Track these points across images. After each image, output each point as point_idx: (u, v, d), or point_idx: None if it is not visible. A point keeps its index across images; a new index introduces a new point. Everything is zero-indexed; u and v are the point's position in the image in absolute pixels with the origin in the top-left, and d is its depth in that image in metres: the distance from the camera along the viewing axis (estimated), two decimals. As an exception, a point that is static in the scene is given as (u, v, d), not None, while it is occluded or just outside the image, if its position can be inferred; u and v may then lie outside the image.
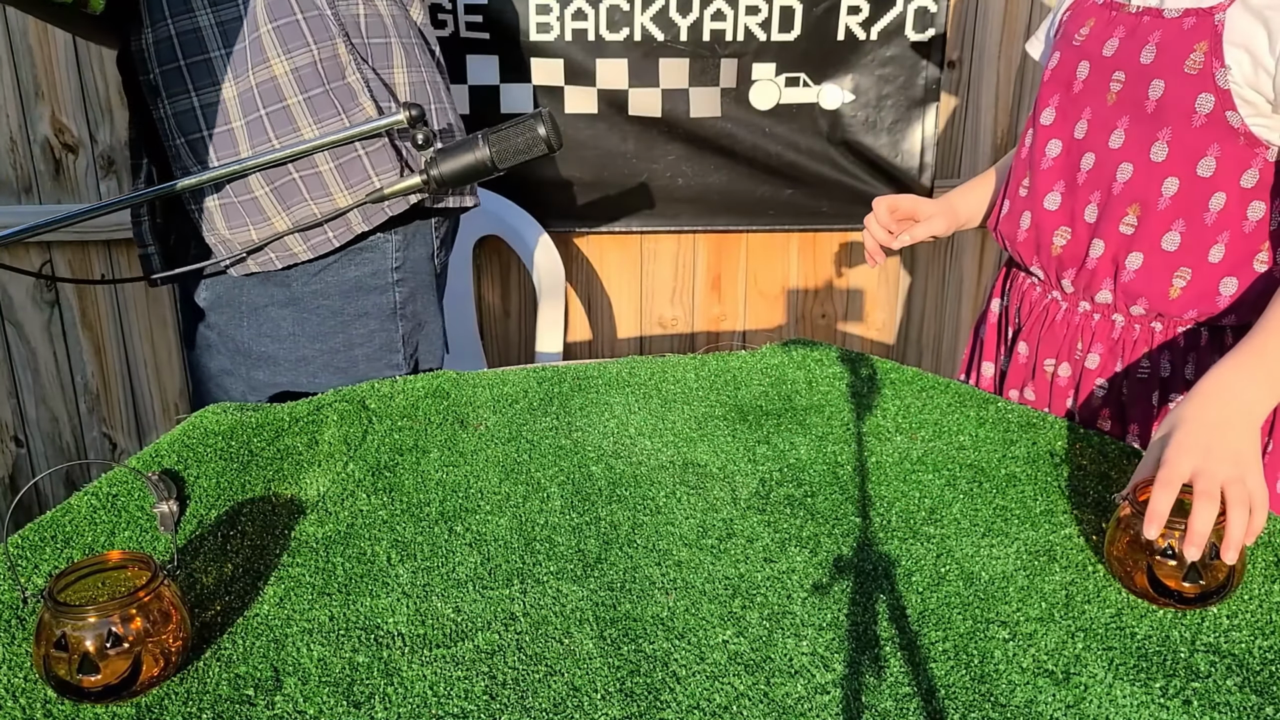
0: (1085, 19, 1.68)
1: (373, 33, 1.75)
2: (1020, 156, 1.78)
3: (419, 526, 1.34)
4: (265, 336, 1.86)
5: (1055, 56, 1.71)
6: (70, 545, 1.31)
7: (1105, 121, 1.63)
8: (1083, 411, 1.74)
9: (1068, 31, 1.70)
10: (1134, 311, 1.65)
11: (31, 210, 2.76)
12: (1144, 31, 1.58)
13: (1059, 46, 1.72)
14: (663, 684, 1.09)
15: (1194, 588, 1.18)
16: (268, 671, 1.11)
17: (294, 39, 1.67)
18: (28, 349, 2.92)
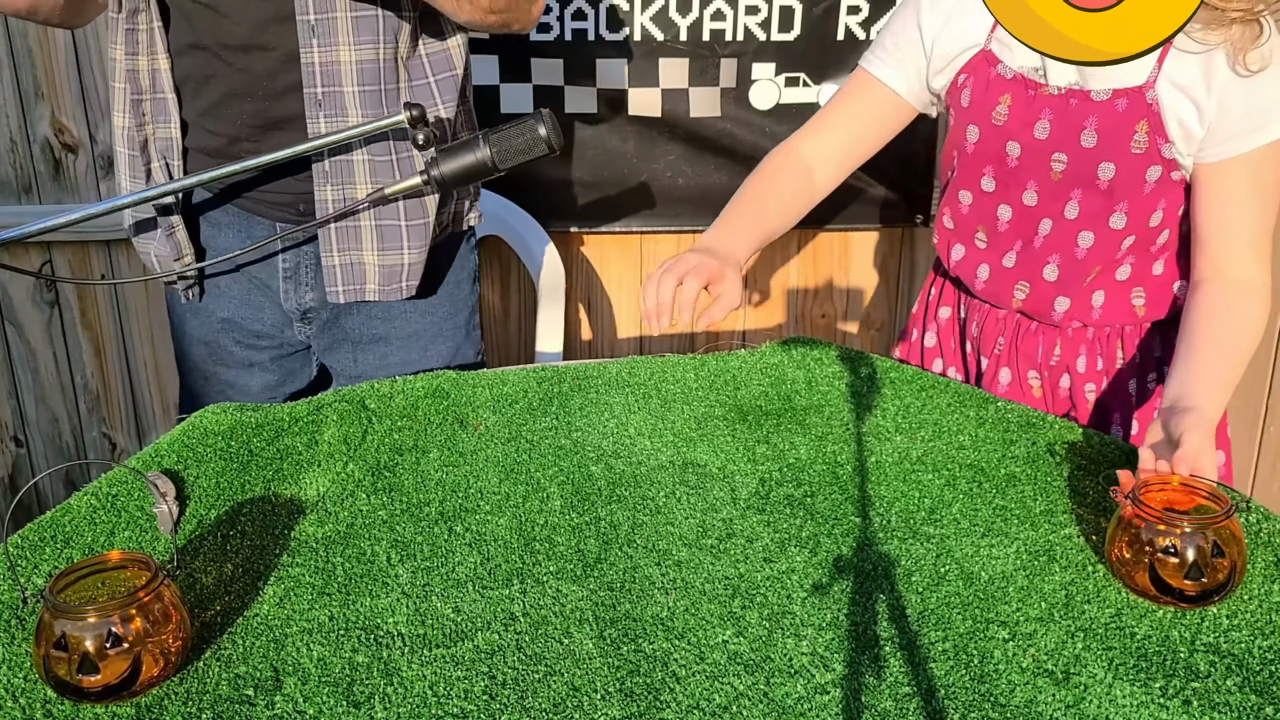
0: (997, 94, 1.69)
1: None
2: (955, 206, 1.84)
3: (419, 526, 1.34)
4: (375, 319, 1.91)
5: (973, 131, 1.74)
6: (70, 545, 1.31)
7: (1056, 194, 1.71)
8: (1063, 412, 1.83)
9: (977, 103, 1.71)
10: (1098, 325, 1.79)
11: (32, 210, 2.76)
12: (1076, 115, 1.65)
13: (972, 119, 1.73)
14: (662, 684, 1.09)
15: (1195, 585, 1.19)
16: (268, 671, 1.11)
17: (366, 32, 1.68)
18: (28, 349, 2.92)
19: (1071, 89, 1.64)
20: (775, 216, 1.79)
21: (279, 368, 1.95)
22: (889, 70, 1.76)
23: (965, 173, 1.79)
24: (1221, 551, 1.19)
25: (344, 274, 1.80)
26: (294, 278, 1.86)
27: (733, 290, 1.59)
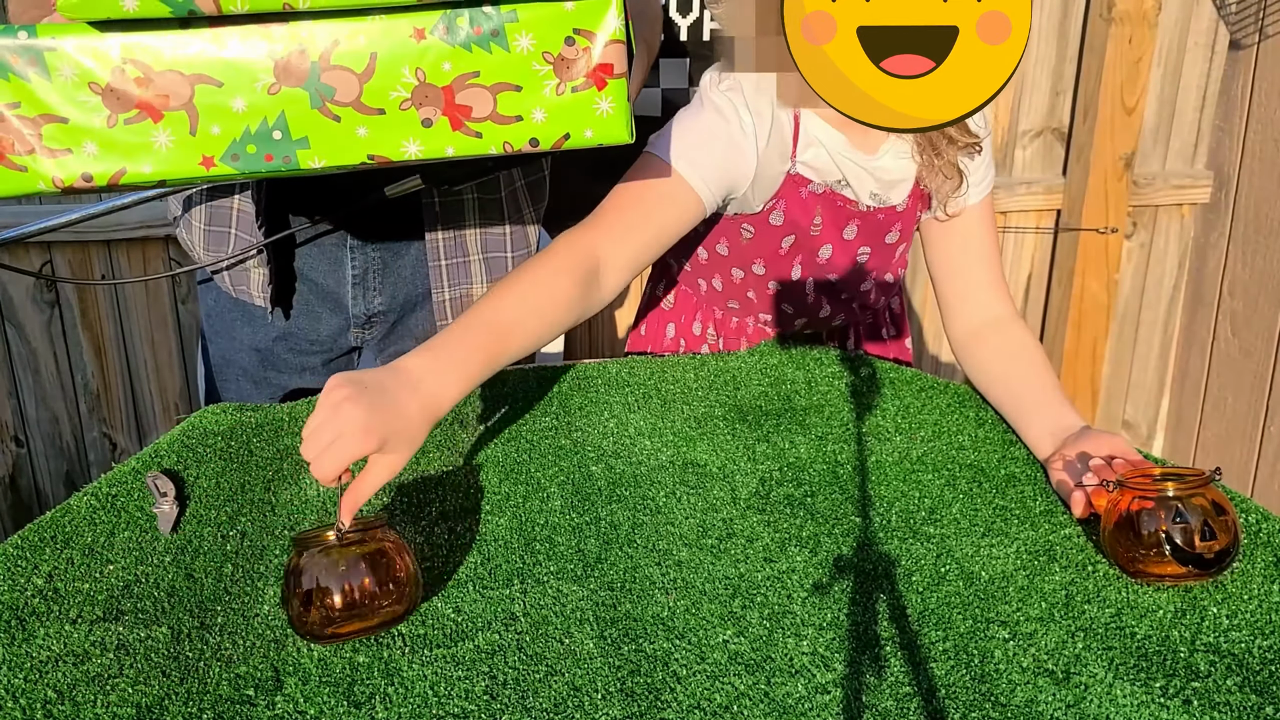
0: (811, 209, 1.74)
1: None
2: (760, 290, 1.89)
3: (418, 527, 1.34)
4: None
5: (789, 240, 1.78)
6: (70, 545, 1.31)
7: (856, 278, 1.86)
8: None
9: (792, 220, 1.75)
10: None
11: (32, 210, 2.76)
12: (885, 223, 1.79)
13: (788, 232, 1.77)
14: (663, 684, 1.09)
15: (1212, 545, 1.20)
16: (268, 672, 1.11)
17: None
18: (28, 349, 2.92)
19: (880, 208, 1.77)
20: (527, 344, 1.42)
21: (327, 371, 1.96)
22: (706, 188, 1.64)
23: (772, 270, 1.84)
24: (1222, 509, 1.22)
25: (454, 307, 1.84)
26: (362, 283, 1.87)
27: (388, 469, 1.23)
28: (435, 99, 1.06)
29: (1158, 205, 3.17)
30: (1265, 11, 2.87)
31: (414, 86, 1.04)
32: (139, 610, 1.20)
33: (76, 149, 1.02)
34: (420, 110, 1.05)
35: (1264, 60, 2.90)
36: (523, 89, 1.07)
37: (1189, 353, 3.27)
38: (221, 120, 1.03)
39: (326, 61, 1.03)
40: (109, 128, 1.01)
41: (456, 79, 1.05)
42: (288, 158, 1.05)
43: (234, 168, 1.04)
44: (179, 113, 1.02)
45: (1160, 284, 3.28)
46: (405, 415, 1.22)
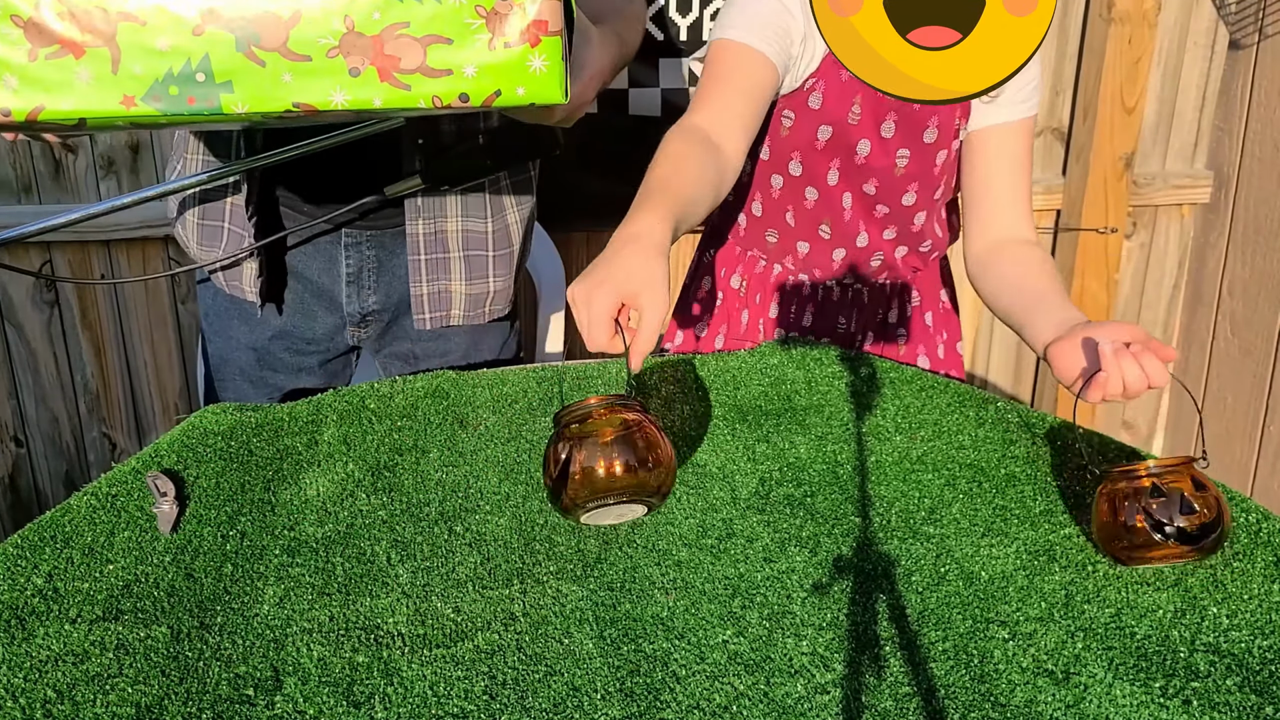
0: (849, 97, 1.78)
1: None
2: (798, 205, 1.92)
3: (419, 526, 1.34)
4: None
5: (826, 130, 1.81)
6: (70, 545, 1.31)
7: (897, 187, 1.87)
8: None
9: (831, 105, 1.79)
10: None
11: (31, 210, 2.76)
12: (920, 118, 1.80)
13: (824, 120, 1.81)
14: (663, 684, 1.09)
15: (1193, 519, 1.23)
16: (268, 672, 1.11)
17: None
18: (28, 349, 2.92)
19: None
20: (692, 196, 1.57)
21: (325, 371, 1.96)
22: (767, 45, 1.71)
23: (809, 171, 1.87)
24: (1202, 485, 1.25)
25: (431, 302, 1.84)
26: (357, 282, 1.87)
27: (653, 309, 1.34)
28: (364, 48, 1.04)
29: (1157, 205, 3.17)
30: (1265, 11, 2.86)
31: (342, 34, 1.03)
32: (139, 610, 1.20)
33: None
34: (348, 59, 1.04)
35: (1264, 60, 2.90)
36: (454, 42, 1.05)
37: (1189, 352, 3.27)
38: (144, 59, 1.01)
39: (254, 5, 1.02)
40: (29, 62, 1.00)
41: (386, 29, 1.04)
42: (210, 100, 1.03)
43: (155, 108, 1.02)
44: (101, 49, 1.00)
45: (1160, 284, 3.28)
46: (629, 259, 1.38)
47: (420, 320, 1.84)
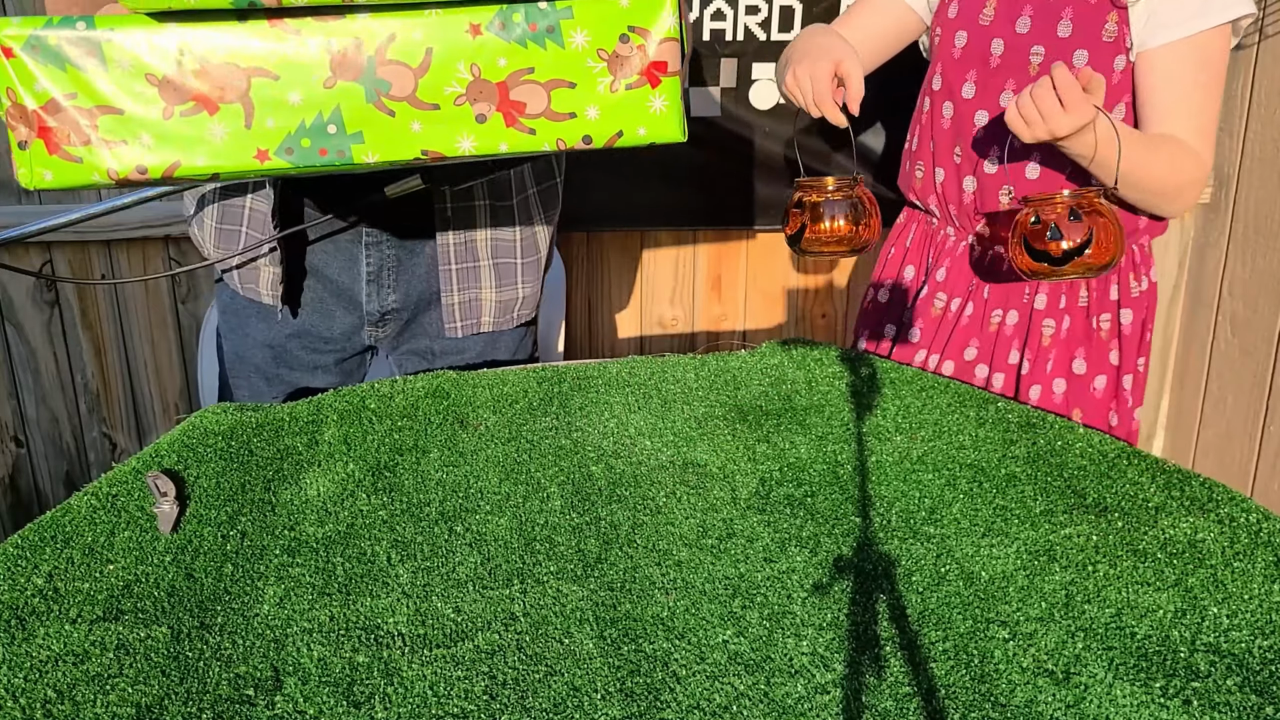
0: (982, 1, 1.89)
1: None
2: (937, 125, 1.98)
3: (419, 526, 1.34)
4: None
5: (961, 37, 1.89)
6: (70, 545, 1.31)
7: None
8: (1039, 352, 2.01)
9: (965, 10, 1.88)
10: None
11: (32, 210, 2.76)
12: (1055, 9, 1.82)
13: (960, 26, 1.90)
14: (663, 684, 1.09)
15: (1057, 245, 1.54)
16: (268, 671, 1.11)
17: None
18: (28, 349, 2.92)
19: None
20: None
21: (340, 370, 1.96)
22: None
23: (946, 85, 1.92)
24: (1079, 216, 1.52)
25: (462, 310, 1.87)
26: (377, 280, 1.87)
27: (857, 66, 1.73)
28: (490, 95, 1.06)
29: (1158, 205, 3.17)
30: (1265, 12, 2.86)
31: (469, 82, 1.05)
32: (139, 610, 1.20)
33: (132, 140, 1.01)
34: (475, 106, 1.06)
35: (1264, 60, 2.90)
36: (577, 86, 1.07)
37: (1189, 352, 3.27)
38: (277, 113, 1.03)
39: (383, 56, 1.03)
40: (165, 120, 1.00)
41: (511, 75, 1.05)
42: (342, 152, 1.05)
43: (288, 161, 1.04)
44: (234, 105, 1.01)
45: (1160, 284, 3.28)
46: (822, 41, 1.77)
47: (451, 328, 1.87)
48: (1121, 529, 1.33)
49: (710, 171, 2.86)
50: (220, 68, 1.00)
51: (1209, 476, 1.42)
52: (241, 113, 1.01)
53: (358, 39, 1.01)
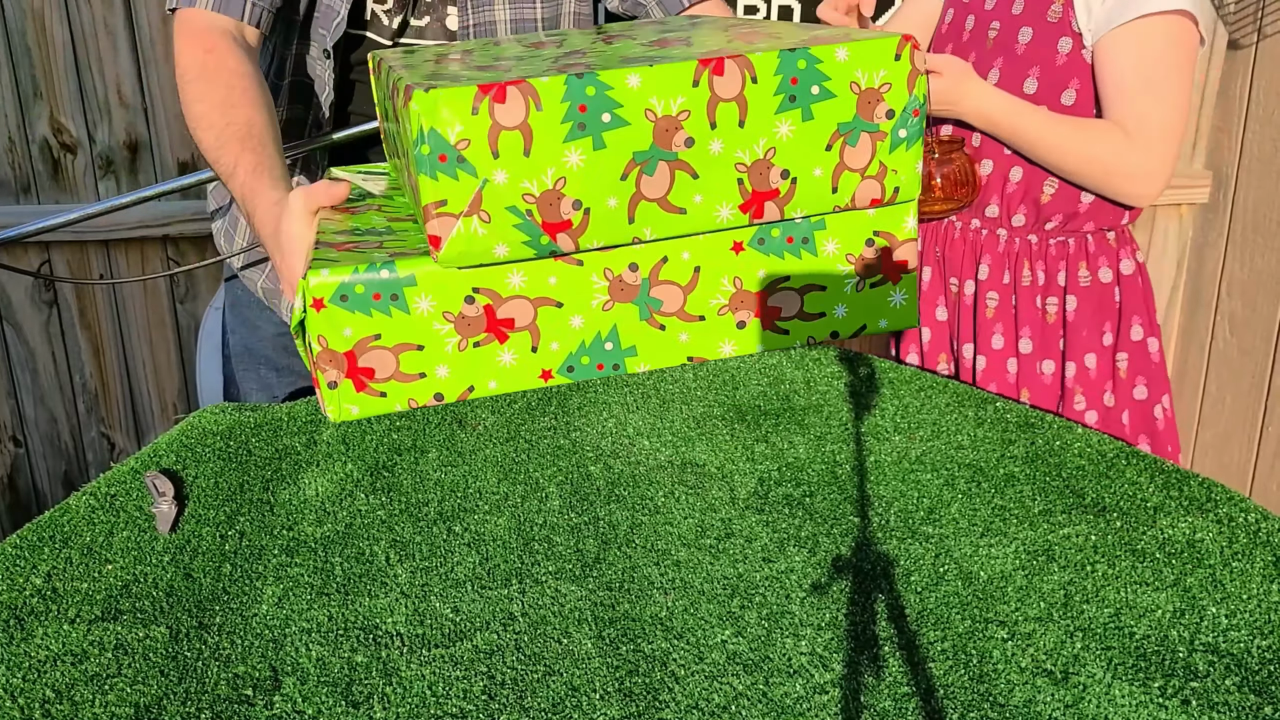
0: None
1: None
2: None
3: (417, 526, 1.34)
4: None
5: (950, 14, 2.00)
6: (69, 545, 1.31)
7: (984, 63, 1.94)
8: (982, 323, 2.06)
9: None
10: (1015, 223, 1.98)
11: (30, 210, 2.76)
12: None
13: (950, 4, 2.03)
14: (661, 684, 1.09)
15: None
16: (266, 672, 1.11)
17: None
18: (26, 349, 2.92)
19: None
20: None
21: None
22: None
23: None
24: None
25: None
26: None
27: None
28: (749, 303, 1.13)
29: (1156, 205, 3.17)
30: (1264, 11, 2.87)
31: (731, 294, 1.12)
32: (137, 610, 1.20)
33: (430, 372, 1.08)
34: (736, 314, 1.13)
35: (1262, 60, 2.90)
36: (827, 288, 1.14)
37: (1187, 353, 3.27)
38: (560, 337, 1.10)
39: (655, 278, 1.10)
40: (459, 351, 1.08)
41: (769, 284, 1.13)
42: (616, 365, 1.13)
43: (569, 377, 1.12)
44: (523, 333, 1.09)
45: (1158, 284, 3.28)
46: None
47: None
48: (1120, 529, 1.33)
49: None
50: (511, 301, 1.07)
51: (1207, 476, 1.42)
52: (529, 339, 1.09)
53: (634, 264, 1.09)
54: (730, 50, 1.04)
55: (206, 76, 1.54)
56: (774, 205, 1.07)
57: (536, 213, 1.02)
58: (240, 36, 1.60)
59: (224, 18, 1.59)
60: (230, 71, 1.54)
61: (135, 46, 2.71)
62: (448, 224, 1.01)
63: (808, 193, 1.07)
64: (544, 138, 0.99)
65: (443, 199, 1.00)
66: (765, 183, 1.06)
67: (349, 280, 1.03)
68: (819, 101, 1.04)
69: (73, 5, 2.65)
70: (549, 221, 1.02)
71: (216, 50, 1.56)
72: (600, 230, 1.04)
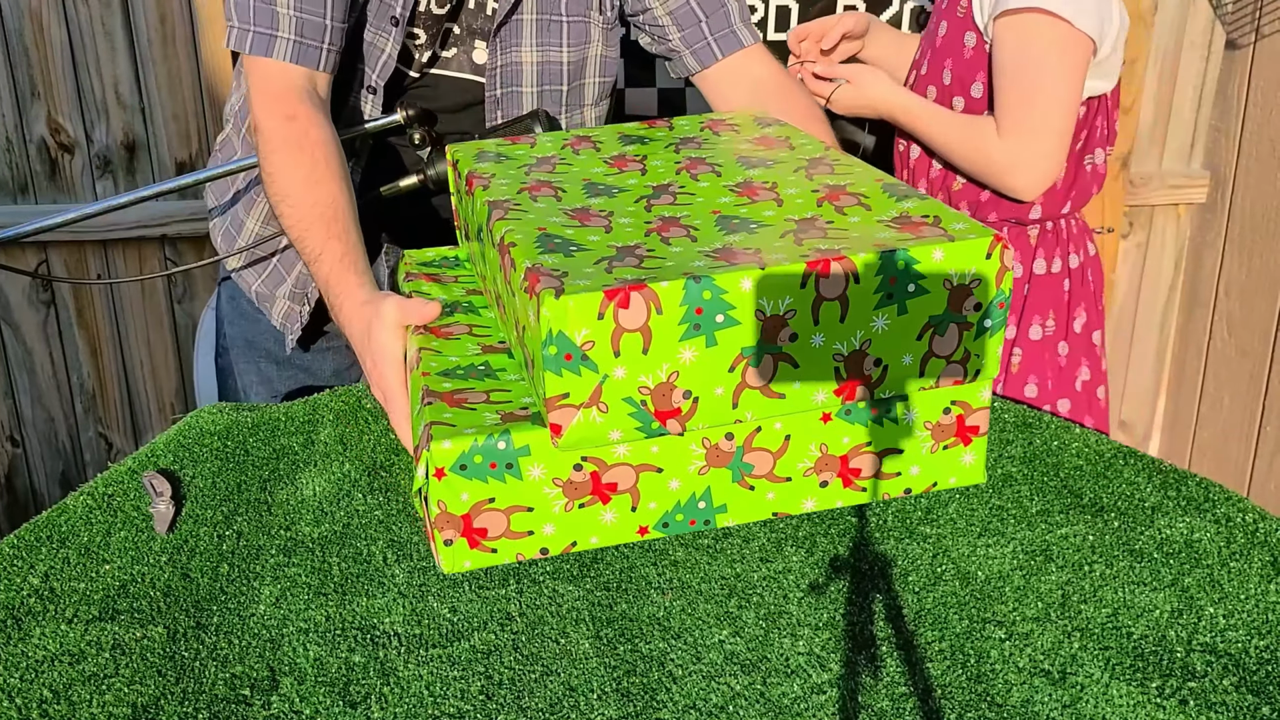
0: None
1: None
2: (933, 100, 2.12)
3: (415, 526, 1.34)
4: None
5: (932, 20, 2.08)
6: (66, 545, 1.31)
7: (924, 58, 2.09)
8: None
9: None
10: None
11: (28, 210, 2.76)
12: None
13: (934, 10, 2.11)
14: (659, 684, 1.09)
15: None
16: (264, 671, 1.11)
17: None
18: (24, 349, 2.92)
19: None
20: None
21: (350, 353, 1.97)
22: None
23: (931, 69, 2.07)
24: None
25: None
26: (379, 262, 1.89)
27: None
28: (832, 466, 1.21)
29: (1154, 205, 3.18)
30: (1262, 11, 2.87)
31: (817, 458, 1.19)
32: (135, 610, 1.20)
33: (537, 530, 1.16)
34: (819, 476, 1.21)
35: (1260, 60, 2.91)
36: (904, 452, 1.22)
37: (1185, 353, 3.27)
38: (659, 498, 1.17)
39: (749, 445, 1.17)
40: (565, 512, 1.15)
41: (852, 449, 1.20)
42: (707, 520, 1.20)
43: (663, 532, 1.19)
44: (624, 495, 1.16)
45: (1156, 284, 3.28)
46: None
47: None
48: (1118, 529, 1.33)
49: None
50: (615, 468, 1.15)
51: (1205, 476, 1.42)
52: (629, 500, 1.16)
53: (730, 433, 1.16)
54: (832, 250, 1.11)
55: (289, 148, 1.56)
56: (864, 389, 1.15)
57: (650, 403, 1.10)
58: (314, 89, 1.61)
59: (299, 69, 1.61)
60: (314, 143, 1.56)
61: (133, 47, 2.71)
62: (568, 414, 1.09)
63: (897, 377, 1.16)
64: (662, 338, 1.07)
65: (565, 393, 1.07)
66: (859, 371, 1.14)
67: (469, 451, 1.11)
68: (914, 298, 1.12)
69: (70, 6, 2.66)
70: (661, 410, 1.10)
71: (299, 118, 1.57)
72: (706, 415, 1.12)
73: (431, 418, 1.15)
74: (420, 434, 1.14)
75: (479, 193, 1.34)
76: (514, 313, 1.20)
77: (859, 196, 1.24)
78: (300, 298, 1.86)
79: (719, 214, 1.22)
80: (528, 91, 1.78)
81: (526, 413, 1.16)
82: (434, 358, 1.29)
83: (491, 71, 1.75)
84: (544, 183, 1.35)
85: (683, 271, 1.08)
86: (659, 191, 1.29)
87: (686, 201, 1.26)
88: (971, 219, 1.17)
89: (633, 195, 1.29)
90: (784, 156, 1.40)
